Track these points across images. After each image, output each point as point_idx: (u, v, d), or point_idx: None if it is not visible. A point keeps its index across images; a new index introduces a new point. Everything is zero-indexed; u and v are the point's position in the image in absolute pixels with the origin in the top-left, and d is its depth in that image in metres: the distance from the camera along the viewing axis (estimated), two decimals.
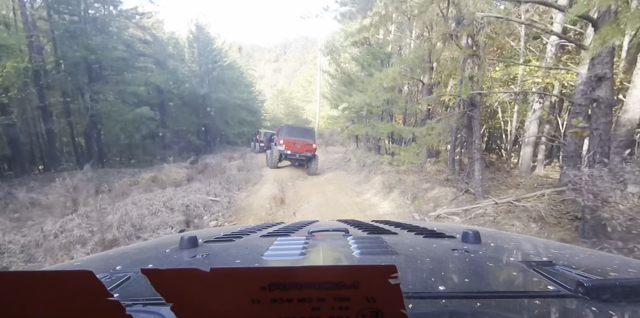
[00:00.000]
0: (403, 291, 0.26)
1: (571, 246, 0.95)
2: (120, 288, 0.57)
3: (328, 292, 0.25)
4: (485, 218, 4.86)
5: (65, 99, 13.00)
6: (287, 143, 11.05)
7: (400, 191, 7.30)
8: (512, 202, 5.08)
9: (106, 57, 12.93)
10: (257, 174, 11.26)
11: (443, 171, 8.79)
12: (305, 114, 33.70)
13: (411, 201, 6.71)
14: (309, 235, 1.03)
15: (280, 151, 11.21)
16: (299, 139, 11.18)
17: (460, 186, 6.66)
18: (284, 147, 11.05)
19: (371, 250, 0.77)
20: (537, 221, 4.36)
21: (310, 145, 11.33)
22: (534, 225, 4.29)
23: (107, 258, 0.87)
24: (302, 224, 1.47)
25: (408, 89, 12.38)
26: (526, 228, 4.26)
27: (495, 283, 0.58)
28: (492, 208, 5.05)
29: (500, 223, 4.57)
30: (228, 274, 0.26)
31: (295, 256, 0.73)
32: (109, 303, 0.25)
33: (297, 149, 11.14)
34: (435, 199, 6.31)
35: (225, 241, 0.99)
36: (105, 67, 13.93)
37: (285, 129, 11.62)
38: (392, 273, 0.25)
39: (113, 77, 14.17)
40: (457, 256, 0.74)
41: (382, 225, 1.34)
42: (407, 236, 1.02)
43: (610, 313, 0.44)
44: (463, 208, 5.37)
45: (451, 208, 5.56)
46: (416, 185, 7.32)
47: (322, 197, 7.83)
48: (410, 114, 12.34)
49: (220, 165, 13.90)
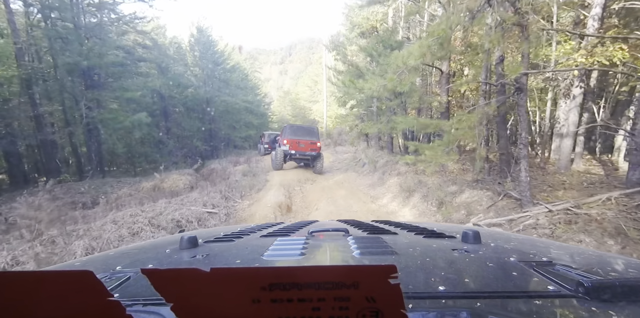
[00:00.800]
0: (403, 291, 0.26)
1: (571, 246, 0.95)
2: (120, 288, 0.58)
3: (328, 292, 0.26)
4: (539, 231, 3.83)
5: (61, 107, 12.46)
6: (291, 142, 10.88)
7: (422, 196, 6.35)
8: (571, 209, 4.06)
9: (102, 63, 12.54)
10: (262, 179, 10.45)
11: (468, 170, 7.69)
12: (312, 114, 33.04)
13: (437, 208, 5.73)
14: (309, 235, 1.03)
15: (285, 151, 11.03)
16: (302, 138, 11.04)
17: (495, 188, 5.60)
18: (288, 147, 10.87)
19: (371, 250, 0.78)
20: (615, 236, 3.28)
21: (315, 144, 11.16)
22: (612, 242, 3.24)
23: (107, 258, 0.88)
24: (302, 224, 1.47)
25: (421, 80, 11.26)
26: (601, 245, 3.20)
27: (495, 283, 0.57)
28: (546, 218, 4.04)
29: (562, 238, 3.54)
30: (228, 274, 0.26)
31: (295, 257, 0.74)
32: (109, 303, 0.26)
33: (301, 148, 10.97)
34: (467, 205, 5.31)
35: (225, 241, 0.99)
36: (101, 74, 13.51)
37: (289, 129, 11.47)
38: (392, 273, 0.26)
39: (110, 83, 13.76)
40: (457, 256, 0.74)
41: (382, 225, 1.34)
42: (407, 236, 1.02)
43: (610, 313, 0.44)
44: (507, 217, 4.34)
45: (490, 218, 4.55)
46: (441, 188, 6.31)
47: (333, 203, 6.94)
48: (424, 109, 11.18)
49: (225, 170, 13.15)
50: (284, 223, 1.62)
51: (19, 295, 0.24)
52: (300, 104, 36.78)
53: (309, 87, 39.21)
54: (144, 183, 11.29)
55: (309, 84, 39.23)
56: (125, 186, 11.02)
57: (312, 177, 11.19)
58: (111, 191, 10.46)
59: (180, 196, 8.22)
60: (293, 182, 10.08)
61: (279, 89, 58.44)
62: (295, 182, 10.13)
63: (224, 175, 12.67)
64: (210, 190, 8.67)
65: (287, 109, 37.78)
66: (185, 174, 12.41)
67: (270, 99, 39.49)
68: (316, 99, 35.72)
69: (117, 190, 10.63)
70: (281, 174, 11.30)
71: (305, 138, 11.06)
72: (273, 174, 11.56)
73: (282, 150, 11.05)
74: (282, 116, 36.51)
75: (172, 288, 0.26)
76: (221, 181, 11.35)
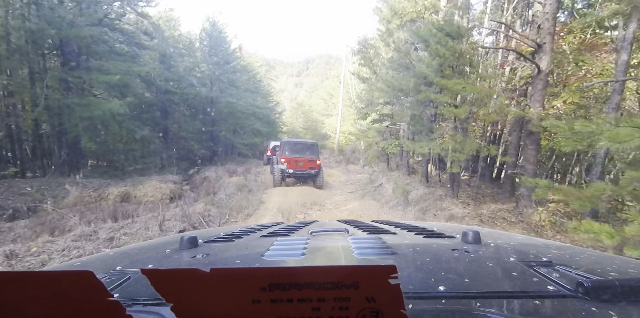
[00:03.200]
0: (403, 291, 0.26)
1: (571, 246, 0.94)
2: (120, 288, 0.58)
3: (328, 292, 0.26)
4: None
5: (13, 83, 10.01)
6: (289, 161, 10.26)
7: None
8: None
9: (78, 36, 10.36)
10: (257, 198, 8.23)
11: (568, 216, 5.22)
12: (324, 128, 31.21)
13: None
14: (309, 235, 1.02)
15: (282, 170, 10.36)
16: (301, 156, 10.51)
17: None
18: (285, 165, 10.26)
19: (371, 250, 0.78)
20: None
21: (314, 162, 10.57)
22: None
23: (107, 258, 0.88)
24: (302, 224, 1.45)
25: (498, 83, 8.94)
26: None
27: (495, 283, 0.57)
28: None
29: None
30: (228, 274, 0.26)
31: (295, 257, 0.73)
32: (109, 303, 0.26)
33: (299, 167, 10.36)
34: None
35: (225, 242, 0.99)
36: (76, 49, 11.27)
37: (287, 146, 10.76)
38: (392, 273, 0.25)
39: (86, 63, 11.40)
40: (457, 256, 0.74)
41: (382, 225, 1.34)
42: (407, 237, 1.01)
43: (610, 313, 0.44)
44: None
45: None
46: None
47: None
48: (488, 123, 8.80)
49: (219, 180, 10.87)
50: (284, 223, 1.60)
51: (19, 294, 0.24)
52: (313, 116, 35.08)
53: (323, 100, 37.66)
54: (112, 188, 9.00)
55: (324, 97, 37.69)
56: (88, 190, 8.73)
57: (320, 200, 8.83)
58: (64, 195, 8.17)
59: (144, 215, 5.92)
60: (295, 207, 7.72)
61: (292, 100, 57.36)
62: (297, 207, 7.77)
63: (215, 186, 10.33)
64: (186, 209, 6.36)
65: (299, 120, 36.19)
66: (168, 182, 10.12)
67: (282, 108, 37.87)
68: (330, 112, 34.11)
69: (73, 194, 8.31)
70: (281, 194, 8.99)
71: (304, 156, 10.53)
72: (271, 193, 9.26)
73: (280, 169, 10.40)
74: (293, 127, 34.81)
75: (172, 288, 0.25)
76: (207, 195, 8.98)
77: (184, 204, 7.78)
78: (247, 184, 10.57)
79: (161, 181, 9.98)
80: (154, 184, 9.61)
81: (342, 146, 25.02)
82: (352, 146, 22.61)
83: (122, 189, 8.90)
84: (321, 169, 10.84)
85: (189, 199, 9.09)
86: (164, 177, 10.48)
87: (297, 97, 61.04)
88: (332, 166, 18.54)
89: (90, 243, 4.41)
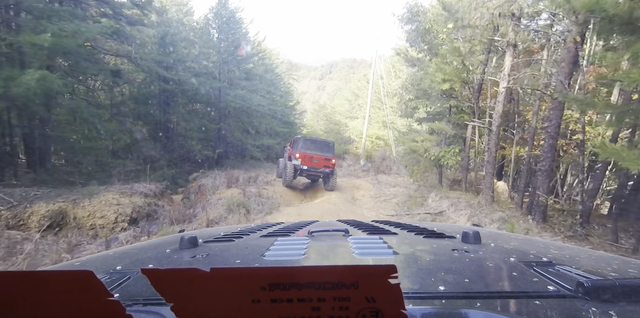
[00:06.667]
0: (403, 291, 0.26)
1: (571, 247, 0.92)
2: (120, 288, 0.57)
3: (328, 292, 0.26)
4: None
5: None
6: (304, 156, 9.84)
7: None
8: None
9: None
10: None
11: None
12: (348, 131, 27.84)
13: None
14: (309, 235, 1.00)
15: (296, 166, 9.91)
16: (316, 153, 10.11)
17: None
18: (299, 161, 9.79)
19: (371, 250, 0.77)
20: None
21: (329, 160, 10.21)
22: None
23: (107, 258, 0.87)
24: (302, 224, 1.44)
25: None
26: None
27: (495, 283, 0.57)
28: None
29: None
30: (228, 274, 0.26)
31: (295, 257, 0.72)
32: (109, 303, 0.26)
33: (314, 164, 9.97)
34: None
35: (226, 241, 0.97)
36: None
37: (302, 142, 10.44)
38: (392, 273, 0.25)
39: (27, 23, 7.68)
40: (457, 256, 0.73)
41: (382, 225, 1.32)
42: (407, 237, 1.00)
43: (610, 313, 0.44)
44: None
45: None
46: None
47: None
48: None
49: (216, 190, 7.94)
50: (284, 223, 1.58)
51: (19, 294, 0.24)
52: (336, 118, 32.16)
53: (348, 101, 34.78)
54: (40, 204, 5.99)
55: (349, 98, 34.79)
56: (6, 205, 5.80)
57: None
58: None
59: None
60: None
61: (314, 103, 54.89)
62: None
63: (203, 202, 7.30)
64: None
65: (320, 123, 33.57)
66: (135, 195, 7.11)
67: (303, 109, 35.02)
68: (355, 114, 31.01)
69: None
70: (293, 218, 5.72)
71: (320, 153, 10.17)
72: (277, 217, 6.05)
73: (293, 165, 9.95)
74: (314, 130, 31.90)
75: (172, 288, 0.25)
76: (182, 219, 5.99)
77: (129, 237, 4.67)
78: (245, 202, 7.39)
79: (123, 194, 6.93)
80: (109, 199, 6.59)
81: (369, 151, 21.47)
82: (382, 152, 19.01)
83: (56, 207, 5.92)
84: (335, 170, 10.55)
85: (153, 224, 5.99)
86: (131, 186, 7.43)
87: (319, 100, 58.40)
88: (359, 175, 15.09)
89: None
